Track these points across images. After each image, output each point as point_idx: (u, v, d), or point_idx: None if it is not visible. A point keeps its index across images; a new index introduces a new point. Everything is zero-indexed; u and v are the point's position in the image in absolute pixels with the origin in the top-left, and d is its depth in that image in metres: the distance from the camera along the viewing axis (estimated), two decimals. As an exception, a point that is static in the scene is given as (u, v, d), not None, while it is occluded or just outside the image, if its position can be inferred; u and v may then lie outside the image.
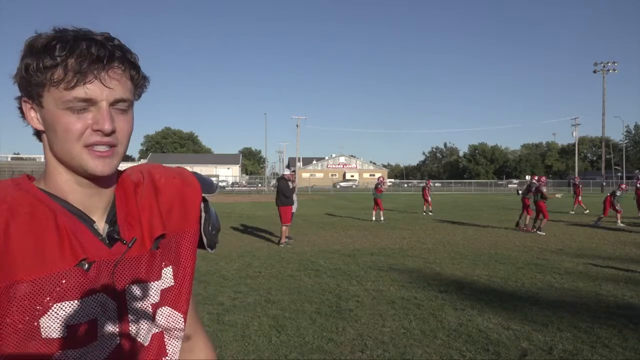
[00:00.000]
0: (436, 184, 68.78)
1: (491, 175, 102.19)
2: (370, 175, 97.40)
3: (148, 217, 0.88)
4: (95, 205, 0.84)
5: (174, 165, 1.01)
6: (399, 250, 9.81)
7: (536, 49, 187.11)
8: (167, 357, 0.91)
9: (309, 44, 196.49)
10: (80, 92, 0.75)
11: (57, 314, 0.74)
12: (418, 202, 26.47)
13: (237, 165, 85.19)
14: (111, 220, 0.85)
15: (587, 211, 19.77)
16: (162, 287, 0.90)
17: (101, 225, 0.84)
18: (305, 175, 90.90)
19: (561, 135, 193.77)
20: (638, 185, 17.42)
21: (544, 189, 13.09)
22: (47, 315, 0.73)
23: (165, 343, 0.91)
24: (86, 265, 0.77)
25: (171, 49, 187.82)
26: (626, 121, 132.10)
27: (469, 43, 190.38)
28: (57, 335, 0.74)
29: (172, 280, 0.92)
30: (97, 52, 0.76)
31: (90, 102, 0.76)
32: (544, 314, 5.11)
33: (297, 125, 57.58)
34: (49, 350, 0.74)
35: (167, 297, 0.91)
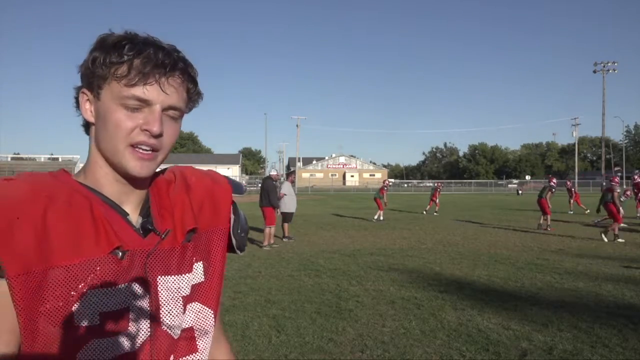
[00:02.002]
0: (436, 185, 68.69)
1: (491, 175, 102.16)
2: (370, 175, 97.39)
3: (180, 211, 0.90)
4: (129, 200, 0.86)
5: (173, 166, 1.02)
6: (399, 250, 9.81)
7: (536, 49, 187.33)
8: (196, 354, 0.90)
9: (309, 44, 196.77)
10: (139, 91, 0.79)
11: (91, 301, 0.75)
12: (418, 202, 26.50)
13: (237, 165, 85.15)
14: (145, 213, 0.87)
15: (588, 211, 19.77)
16: (193, 282, 0.90)
17: (134, 218, 0.86)
18: (305, 175, 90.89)
19: (561, 135, 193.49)
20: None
21: (618, 190, 11.39)
22: (80, 302, 0.74)
23: (196, 339, 0.91)
24: (120, 254, 0.78)
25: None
26: (626, 121, 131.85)
27: (469, 43, 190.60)
28: (89, 323, 0.75)
29: (203, 276, 0.93)
30: (163, 58, 0.80)
31: (145, 103, 0.80)
32: (544, 314, 5.11)
33: (297, 125, 57.64)
34: (80, 339, 0.74)
35: (197, 293, 0.91)
